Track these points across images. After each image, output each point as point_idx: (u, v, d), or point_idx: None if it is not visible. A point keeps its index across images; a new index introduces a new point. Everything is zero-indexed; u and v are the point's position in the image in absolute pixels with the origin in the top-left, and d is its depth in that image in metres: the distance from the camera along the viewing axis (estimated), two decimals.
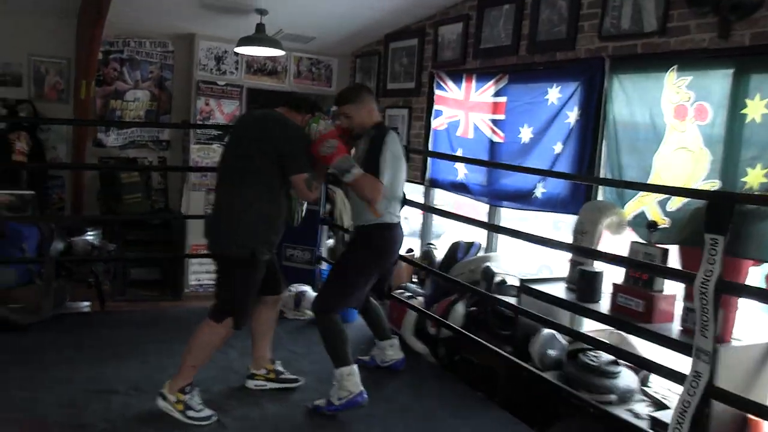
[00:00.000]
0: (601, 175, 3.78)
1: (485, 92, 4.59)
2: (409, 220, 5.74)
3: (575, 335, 3.32)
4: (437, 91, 5.16)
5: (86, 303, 4.53)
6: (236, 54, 6.18)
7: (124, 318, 4.47)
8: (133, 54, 6.10)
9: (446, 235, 5.40)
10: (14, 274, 4.14)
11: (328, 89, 6.71)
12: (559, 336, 3.40)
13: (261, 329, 3.42)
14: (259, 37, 5.23)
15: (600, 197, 3.73)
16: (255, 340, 3.44)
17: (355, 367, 3.17)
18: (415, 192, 5.37)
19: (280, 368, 3.47)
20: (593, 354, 3.18)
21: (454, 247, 4.44)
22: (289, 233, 4.68)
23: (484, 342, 3.61)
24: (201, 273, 6.11)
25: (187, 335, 3.10)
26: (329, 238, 5.48)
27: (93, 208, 6.00)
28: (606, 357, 3.13)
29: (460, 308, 3.97)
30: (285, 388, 3.41)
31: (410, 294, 4.43)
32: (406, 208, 3.61)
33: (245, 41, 5.24)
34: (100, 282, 4.33)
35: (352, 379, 3.12)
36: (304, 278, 4.76)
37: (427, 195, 5.31)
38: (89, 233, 5.17)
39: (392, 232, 3.36)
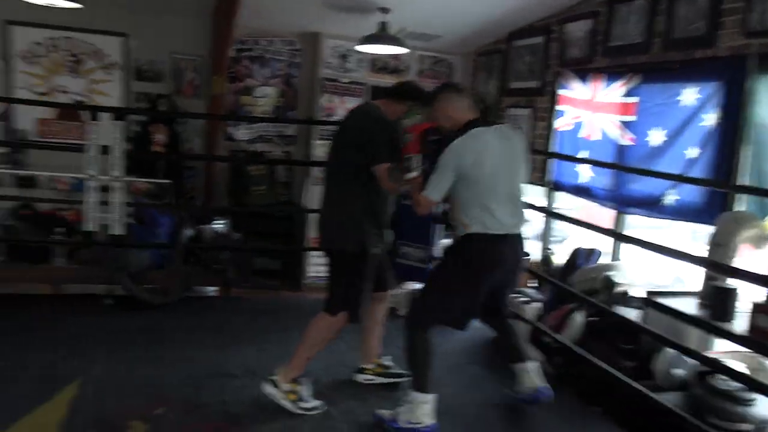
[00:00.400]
0: (741, 183, 3.49)
1: (614, 92, 4.38)
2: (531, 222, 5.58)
3: (705, 360, 3.04)
4: (562, 91, 4.98)
5: (212, 288, 4.77)
6: (360, 52, 6.29)
7: (245, 305, 4.67)
8: (262, 52, 6.34)
9: (570, 240, 5.18)
10: (149, 257, 4.43)
11: None
12: None
13: (369, 324, 3.44)
14: (381, 35, 5.28)
15: (739, 207, 3.45)
16: (364, 335, 3.47)
17: (431, 396, 2.96)
18: (536, 194, 5.23)
19: (388, 363, 3.49)
20: (724, 377, 2.94)
21: (575, 254, 4.27)
22: (403, 230, 4.72)
23: (600, 358, 3.43)
24: (319, 265, 6.26)
25: (304, 325, 3.18)
26: (445, 237, 5.43)
27: (222, 198, 6.32)
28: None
29: (579, 317, 3.81)
30: (393, 383, 3.42)
31: (527, 299, 4.31)
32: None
33: (368, 39, 5.31)
34: (225, 269, 4.54)
35: (425, 408, 2.94)
36: (417, 276, 4.74)
37: (548, 198, 5.14)
38: (217, 222, 5.45)
39: (487, 243, 2.94)
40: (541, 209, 4.68)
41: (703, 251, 3.26)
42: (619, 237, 4.12)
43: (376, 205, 3.08)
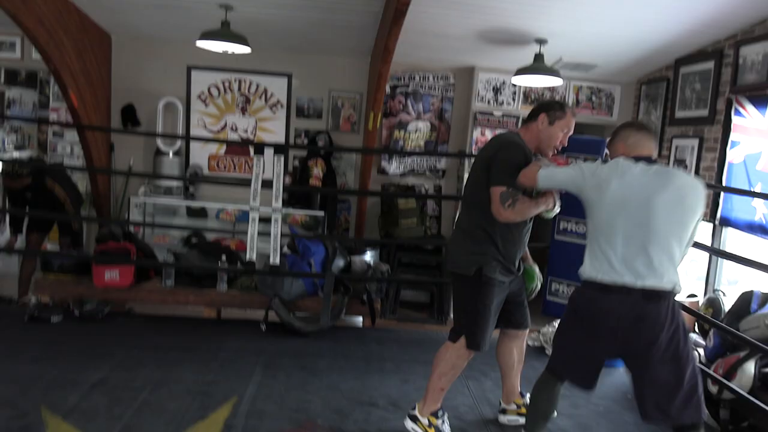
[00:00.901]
0: None
1: None
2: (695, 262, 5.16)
3: None
4: (735, 119, 4.60)
5: (360, 318, 4.88)
6: (514, 85, 6.23)
7: (391, 336, 4.71)
8: (416, 87, 6.49)
9: (740, 285, 4.72)
10: (302, 286, 4.62)
11: (608, 119, 6.41)
12: None
13: (507, 362, 3.34)
14: (536, 66, 5.20)
15: None
16: (503, 374, 3.37)
17: None
18: (703, 231, 4.84)
19: None
20: None
21: (747, 297, 3.87)
22: (555, 266, 4.56)
23: None
24: None
25: None
26: None
27: (373, 230, 6.49)
28: None
29: (749, 367, 3.42)
30: None
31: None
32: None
33: (522, 71, 5.25)
34: (372, 299, 4.62)
35: None
36: None
37: (715, 235, 4.73)
38: (367, 253, 5.59)
39: (597, 294, 2.54)
40: (705, 247, 4.32)
41: None
42: None
43: (507, 235, 2.96)
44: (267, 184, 4.46)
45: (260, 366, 3.83)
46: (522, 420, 3.29)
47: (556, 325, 2.98)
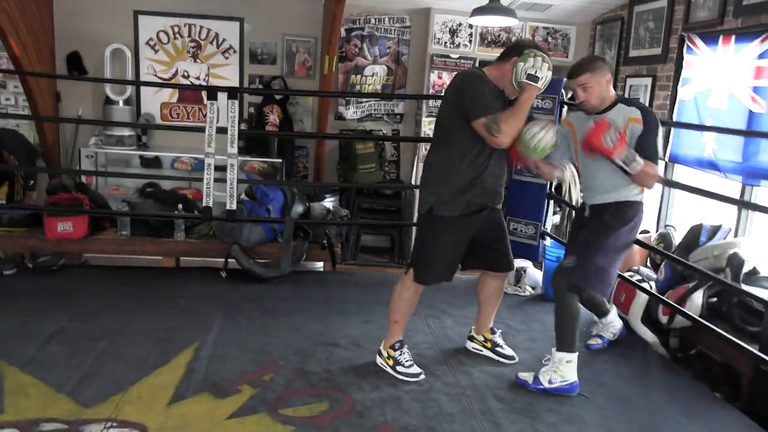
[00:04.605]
0: None
1: (746, 55, 4.04)
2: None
3: None
4: (687, 56, 4.66)
5: (320, 263, 4.90)
6: (470, 26, 6.19)
7: (352, 279, 4.76)
8: (372, 30, 6.39)
9: (686, 222, 4.87)
10: (261, 232, 4.60)
11: (564, 60, 6.42)
12: None
13: (485, 296, 3.42)
14: (493, 6, 5.15)
15: None
16: (479, 306, 3.47)
17: (576, 355, 3.06)
18: None
19: (499, 340, 3.45)
20: None
21: (696, 230, 4.00)
22: (513, 206, 4.62)
23: (722, 341, 3.19)
24: None
25: None
26: (555, 213, 5.27)
27: (332, 176, 6.47)
28: None
29: (698, 297, 3.57)
30: (497, 361, 3.38)
31: (642, 278, 4.10)
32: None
33: (479, 11, 5.20)
34: (333, 244, 4.64)
35: (571, 367, 3.04)
36: (526, 253, 4.64)
37: (666, 172, 4.86)
38: (327, 199, 5.58)
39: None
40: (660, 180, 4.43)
41: None
42: (748, 206, 3.82)
43: (467, 172, 2.97)
44: (223, 131, 4.38)
45: (221, 311, 3.83)
46: (486, 352, 3.42)
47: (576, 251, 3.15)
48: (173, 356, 3.20)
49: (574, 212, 4.79)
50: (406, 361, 3.15)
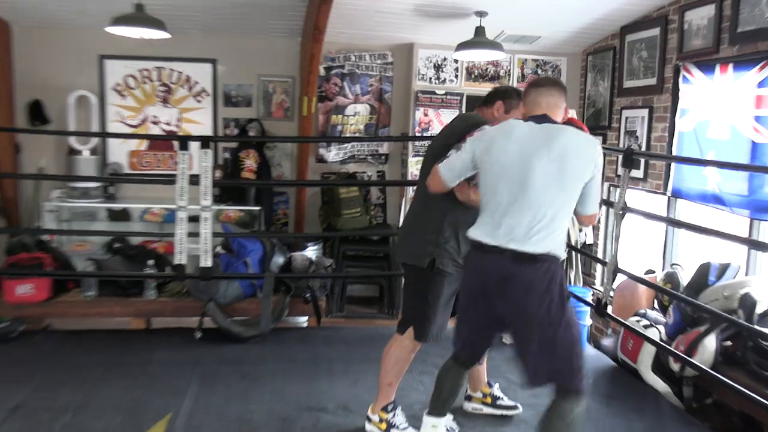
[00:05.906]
0: None
1: (746, 84, 4.10)
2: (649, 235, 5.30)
3: None
4: (683, 86, 4.73)
5: (304, 318, 4.85)
6: (456, 61, 6.27)
7: (339, 335, 4.70)
8: (353, 68, 6.45)
9: (694, 259, 4.88)
10: (239, 288, 4.56)
11: None
12: None
13: None
14: (478, 40, 5.25)
15: None
16: None
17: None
18: (657, 204, 4.98)
19: (498, 393, 3.42)
20: None
21: (705, 269, 4.00)
22: None
23: (746, 388, 3.15)
24: None
25: None
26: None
27: (314, 223, 6.45)
28: None
29: (710, 342, 3.54)
30: (502, 416, 3.34)
31: (649, 323, 4.08)
32: (646, 221, 3.12)
33: (464, 46, 5.29)
34: (316, 297, 4.60)
35: None
36: None
37: (669, 209, 4.88)
38: (310, 248, 5.55)
39: (477, 254, 2.66)
40: (662, 218, 4.45)
41: None
42: (757, 245, 3.82)
43: (459, 223, 2.95)
44: (196, 180, 4.37)
45: (196, 377, 3.76)
46: (486, 409, 3.36)
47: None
48: (144, 429, 3.11)
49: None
50: (401, 423, 3.10)
